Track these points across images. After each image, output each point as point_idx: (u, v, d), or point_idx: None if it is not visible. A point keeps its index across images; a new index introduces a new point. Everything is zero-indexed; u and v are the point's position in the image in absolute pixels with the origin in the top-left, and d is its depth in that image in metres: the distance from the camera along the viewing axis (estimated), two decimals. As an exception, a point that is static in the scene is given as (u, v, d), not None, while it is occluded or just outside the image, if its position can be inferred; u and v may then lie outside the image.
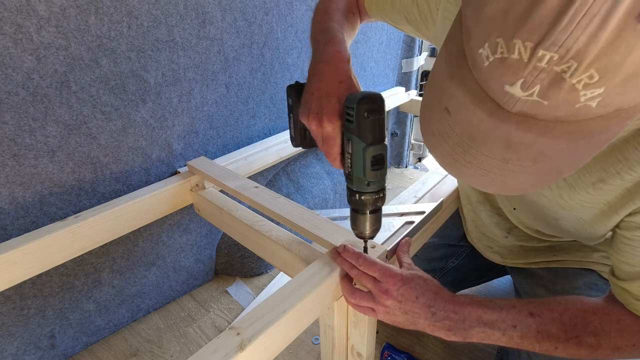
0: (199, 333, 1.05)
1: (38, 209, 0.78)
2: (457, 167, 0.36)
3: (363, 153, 0.50)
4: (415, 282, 0.54)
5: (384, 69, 1.54)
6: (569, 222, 0.56)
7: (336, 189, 1.44)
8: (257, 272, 1.24)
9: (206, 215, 0.91)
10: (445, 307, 0.53)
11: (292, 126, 0.62)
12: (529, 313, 0.53)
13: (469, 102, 0.32)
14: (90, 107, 0.77)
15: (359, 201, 0.54)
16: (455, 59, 0.34)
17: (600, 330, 0.51)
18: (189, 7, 0.85)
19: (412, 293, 0.53)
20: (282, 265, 0.72)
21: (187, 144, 0.97)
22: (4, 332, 0.82)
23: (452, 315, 0.53)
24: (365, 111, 0.48)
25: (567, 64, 0.27)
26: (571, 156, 0.33)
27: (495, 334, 0.52)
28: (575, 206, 0.52)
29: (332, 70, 0.54)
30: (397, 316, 0.54)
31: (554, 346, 0.51)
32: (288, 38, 1.10)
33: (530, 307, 0.53)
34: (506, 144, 0.32)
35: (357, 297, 0.57)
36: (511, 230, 0.76)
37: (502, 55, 0.29)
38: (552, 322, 0.52)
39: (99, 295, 0.96)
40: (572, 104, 0.29)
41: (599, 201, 0.49)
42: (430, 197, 0.85)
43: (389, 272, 0.54)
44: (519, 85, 0.29)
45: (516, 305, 0.54)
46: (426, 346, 0.99)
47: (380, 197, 0.55)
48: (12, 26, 0.64)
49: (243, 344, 0.46)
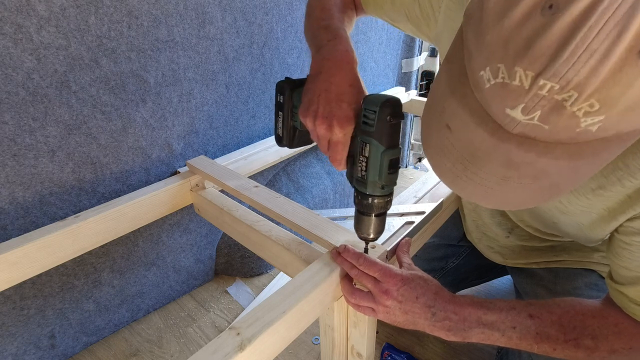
0: (199, 333, 1.05)
1: (38, 209, 0.78)
2: (458, 183, 0.36)
3: (381, 157, 0.49)
4: (415, 282, 0.54)
5: (384, 69, 1.54)
6: (568, 226, 0.57)
7: (336, 189, 1.44)
8: (257, 272, 1.24)
9: (206, 215, 0.91)
10: (446, 307, 0.53)
11: (281, 125, 0.60)
12: (529, 315, 0.53)
13: (470, 120, 0.33)
14: (90, 107, 0.77)
15: (370, 204, 0.53)
16: (456, 76, 0.34)
17: (598, 333, 0.51)
18: (189, 7, 0.85)
19: (413, 293, 0.53)
20: (282, 265, 0.72)
21: (187, 144, 0.97)
22: (4, 332, 0.82)
23: (452, 316, 0.53)
24: (389, 115, 0.47)
25: (568, 94, 0.27)
26: (572, 174, 0.33)
27: (495, 335, 0.53)
28: (575, 211, 0.52)
29: (341, 72, 0.52)
30: (397, 316, 0.54)
31: (552, 347, 0.52)
32: (288, 38, 1.09)
33: (529, 309, 0.54)
34: (507, 163, 0.32)
35: (357, 297, 0.57)
36: (512, 230, 0.76)
37: (504, 81, 0.29)
38: (551, 325, 0.52)
39: (99, 295, 0.96)
40: (573, 129, 0.29)
41: (599, 207, 0.49)
42: (430, 197, 0.85)
43: (389, 272, 0.54)
44: (520, 109, 0.29)
45: (516, 307, 0.54)
46: (426, 346, 0.99)
47: (389, 200, 0.54)
48: (12, 26, 0.64)
49: (243, 344, 0.46)
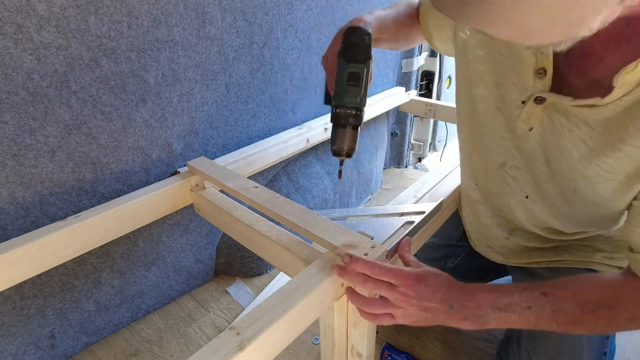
0: (199, 333, 1.05)
1: (38, 209, 0.78)
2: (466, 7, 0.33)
3: (342, 70, 0.60)
4: (429, 279, 0.55)
5: (384, 69, 1.54)
6: (587, 199, 0.56)
7: (336, 189, 1.44)
8: (257, 272, 1.24)
9: (206, 215, 0.91)
10: (460, 297, 0.54)
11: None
12: (542, 293, 0.53)
13: None
14: (90, 107, 0.77)
15: (335, 114, 0.63)
16: None
17: (615, 302, 0.51)
18: (189, 7, 0.85)
19: (429, 290, 0.54)
20: (282, 265, 0.72)
21: (187, 144, 0.97)
22: (4, 332, 0.82)
23: (467, 304, 0.53)
24: (351, 35, 0.61)
25: None
26: None
27: (512, 317, 0.53)
28: (594, 175, 0.52)
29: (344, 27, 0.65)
30: (417, 315, 0.54)
31: (571, 322, 0.52)
32: (288, 38, 1.10)
33: (542, 287, 0.54)
34: None
35: (374, 306, 0.56)
36: (513, 232, 0.76)
37: None
38: (566, 300, 0.52)
39: (99, 295, 0.96)
40: None
41: (618, 172, 0.49)
42: (430, 197, 0.85)
43: (402, 273, 0.54)
44: None
45: (528, 288, 0.54)
46: (426, 346, 0.99)
47: (354, 115, 0.62)
48: (12, 26, 0.64)
49: (243, 344, 0.46)
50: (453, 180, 0.90)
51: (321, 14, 1.16)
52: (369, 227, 0.72)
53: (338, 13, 1.22)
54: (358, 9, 1.29)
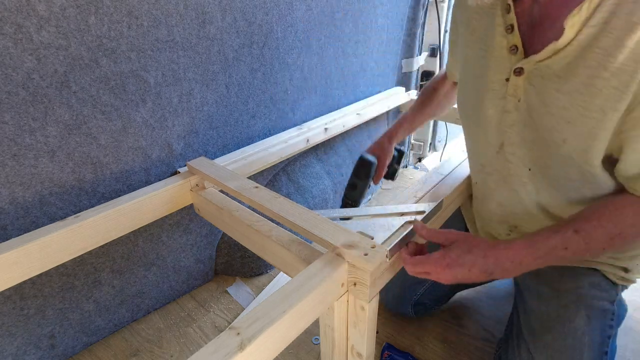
0: (199, 333, 1.05)
1: (38, 209, 0.78)
2: None
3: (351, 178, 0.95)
4: (460, 257, 0.59)
5: (384, 69, 1.54)
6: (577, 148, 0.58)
7: (336, 189, 1.44)
8: (257, 272, 1.24)
9: (206, 215, 0.91)
10: (498, 262, 0.57)
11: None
12: (574, 231, 0.56)
13: None
14: (90, 107, 0.77)
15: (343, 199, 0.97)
16: None
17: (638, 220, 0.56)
18: (189, 7, 0.85)
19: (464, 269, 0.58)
20: (282, 265, 0.72)
21: (187, 144, 0.97)
22: (4, 332, 0.82)
23: (507, 266, 0.57)
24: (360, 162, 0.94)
25: None
26: None
27: (550, 261, 0.57)
28: (576, 115, 0.56)
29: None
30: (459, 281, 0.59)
31: (602, 248, 0.57)
32: (288, 38, 1.10)
33: (574, 225, 0.57)
34: None
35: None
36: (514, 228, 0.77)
37: None
38: (594, 230, 0.56)
39: (99, 295, 0.96)
40: None
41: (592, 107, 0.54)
42: (430, 197, 0.85)
43: (430, 262, 0.60)
44: None
45: (560, 229, 0.57)
46: (426, 346, 0.99)
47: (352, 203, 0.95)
48: (12, 26, 0.64)
49: (243, 344, 0.46)
50: (453, 180, 0.90)
51: (321, 14, 1.16)
52: (369, 227, 0.72)
53: (338, 13, 1.22)
54: (358, 9, 1.29)
